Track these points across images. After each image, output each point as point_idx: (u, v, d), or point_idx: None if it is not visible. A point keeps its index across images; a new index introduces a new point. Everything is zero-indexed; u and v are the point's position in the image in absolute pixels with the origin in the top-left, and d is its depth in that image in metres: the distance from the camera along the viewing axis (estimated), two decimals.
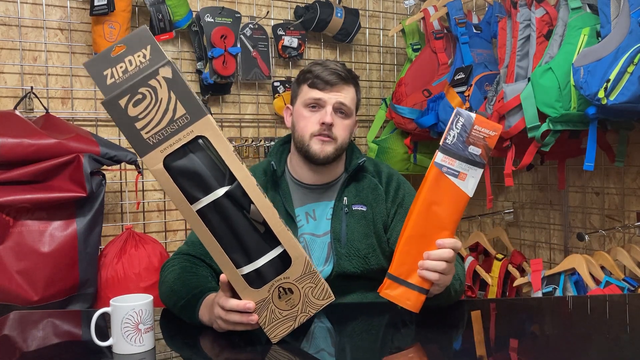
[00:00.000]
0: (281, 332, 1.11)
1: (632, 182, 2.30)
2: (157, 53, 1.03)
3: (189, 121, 1.02)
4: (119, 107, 1.01)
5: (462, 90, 2.34)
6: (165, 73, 1.01)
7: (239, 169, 1.04)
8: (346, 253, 1.46)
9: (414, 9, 3.08)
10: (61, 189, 1.93)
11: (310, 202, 1.53)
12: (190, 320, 1.23)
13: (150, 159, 1.02)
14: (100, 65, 1.03)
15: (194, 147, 1.04)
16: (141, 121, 1.02)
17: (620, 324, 1.31)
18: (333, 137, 1.46)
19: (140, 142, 1.02)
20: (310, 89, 1.48)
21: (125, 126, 1.02)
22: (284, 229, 1.07)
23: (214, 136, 1.03)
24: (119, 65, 1.02)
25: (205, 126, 1.02)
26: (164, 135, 1.02)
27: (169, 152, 1.03)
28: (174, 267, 1.35)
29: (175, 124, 1.02)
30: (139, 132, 1.02)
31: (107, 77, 1.03)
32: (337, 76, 1.47)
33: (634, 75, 1.66)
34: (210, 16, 2.43)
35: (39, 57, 2.26)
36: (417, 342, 1.19)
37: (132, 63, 1.03)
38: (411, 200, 1.52)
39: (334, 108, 1.47)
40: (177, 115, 1.02)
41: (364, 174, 1.55)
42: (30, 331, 1.24)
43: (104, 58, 1.03)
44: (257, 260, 1.07)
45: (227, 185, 1.05)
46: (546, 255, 2.64)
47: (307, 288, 1.09)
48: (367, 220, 1.50)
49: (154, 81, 1.01)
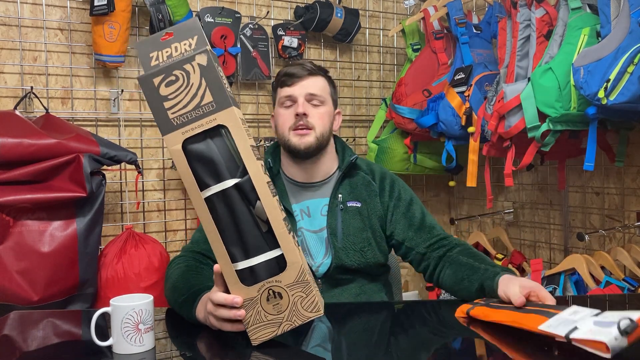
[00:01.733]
0: (263, 336, 1.09)
1: (632, 182, 2.30)
2: (202, 44, 1.07)
3: (214, 109, 1.05)
4: (152, 85, 1.05)
5: (462, 90, 2.35)
6: (200, 60, 1.05)
7: (253, 164, 1.05)
8: (343, 247, 1.50)
9: (414, 9, 3.08)
10: (61, 189, 1.93)
11: (305, 199, 1.56)
12: (189, 318, 1.23)
13: (171, 138, 1.05)
14: (149, 47, 1.07)
15: (215, 134, 1.06)
16: (170, 101, 1.05)
17: None
18: (310, 126, 1.50)
19: (165, 121, 1.05)
20: (282, 89, 1.54)
21: (155, 103, 1.06)
22: (286, 232, 1.06)
23: (235, 128, 1.05)
24: (165, 50, 1.07)
25: (228, 116, 1.05)
26: (188, 119, 1.05)
27: (189, 135, 1.05)
28: (180, 264, 1.38)
29: (200, 110, 1.05)
30: (166, 111, 1.05)
31: (153, 58, 1.07)
32: (302, 68, 1.52)
33: (634, 75, 1.67)
34: (210, 16, 2.43)
35: (39, 57, 2.26)
36: (417, 342, 1.19)
37: (177, 49, 1.07)
38: (406, 194, 1.60)
39: (305, 99, 1.51)
40: (204, 102, 1.05)
41: (357, 172, 1.59)
42: (30, 331, 1.24)
43: (154, 41, 1.07)
44: (253, 258, 1.07)
45: (239, 178, 1.06)
46: (546, 255, 2.64)
47: (297, 297, 1.07)
48: (362, 215, 1.54)
49: (188, 65, 1.05)
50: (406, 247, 1.55)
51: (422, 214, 1.58)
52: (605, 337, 0.92)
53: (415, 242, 1.54)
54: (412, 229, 1.55)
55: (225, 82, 1.07)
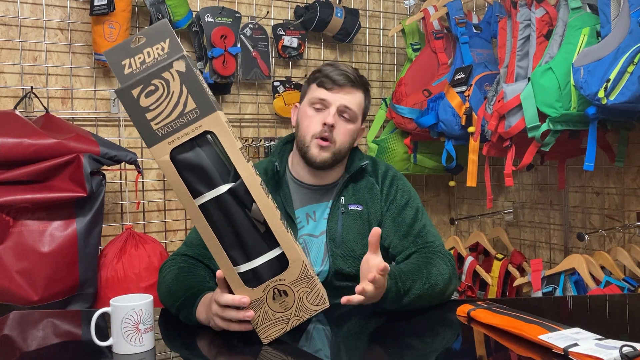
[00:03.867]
0: (273, 334, 1.10)
1: (632, 182, 2.30)
2: (175, 47, 1.04)
3: (199, 116, 1.02)
4: (132, 97, 1.02)
5: (462, 90, 2.35)
6: (178, 66, 1.02)
7: (244, 167, 1.04)
8: (341, 254, 1.45)
9: (414, 9, 3.08)
10: (61, 189, 1.93)
11: (312, 203, 1.52)
12: (188, 320, 1.22)
13: (158, 150, 1.03)
14: (120, 54, 1.04)
15: (202, 141, 1.04)
16: (152, 112, 1.02)
17: (621, 324, 1.31)
18: (332, 140, 1.44)
19: (149, 133, 1.02)
20: (318, 88, 1.47)
21: (136, 116, 1.02)
22: (284, 231, 1.07)
23: (221, 133, 1.03)
24: (137, 56, 1.03)
25: (214, 122, 1.03)
26: (172, 128, 1.02)
27: (176, 145, 1.03)
28: (172, 267, 1.35)
29: (184, 118, 1.02)
30: (149, 122, 1.02)
31: (125, 66, 1.03)
32: (346, 77, 1.45)
33: (634, 75, 1.67)
34: (210, 16, 2.43)
35: (39, 57, 2.26)
36: (416, 342, 1.19)
37: (150, 55, 1.03)
38: (403, 197, 1.51)
39: (338, 110, 1.45)
40: (187, 109, 1.02)
41: (363, 175, 1.54)
42: (30, 331, 1.24)
43: (124, 48, 1.04)
44: (255, 260, 1.07)
45: (231, 182, 1.05)
46: (546, 255, 2.64)
47: (302, 292, 1.09)
48: (363, 219, 1.49)
49: (167, 74, 1.02)
50: (391, 254, 1.49)
51: (413, 219, 1.48)
52: (605, 356, 0.92)
53: (397, 249, 1.46)
54: (397, 235, 1.46)
55: (206, 86, 1.05)
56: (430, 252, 1.40)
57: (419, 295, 1.27)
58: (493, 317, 1.17)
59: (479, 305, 1.25)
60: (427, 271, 1.31)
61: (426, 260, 1.37)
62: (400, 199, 1.51)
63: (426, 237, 1.45)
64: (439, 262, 1.36)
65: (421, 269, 1.31)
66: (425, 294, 1.28)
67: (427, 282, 1.29)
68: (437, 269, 1.33)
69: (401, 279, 1.25)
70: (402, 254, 1.44)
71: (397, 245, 1.46)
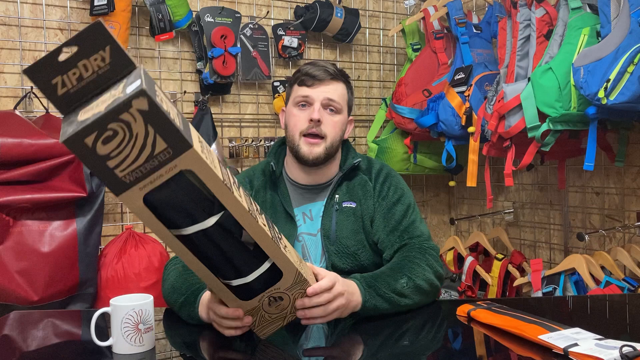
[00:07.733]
0: (270, 330, 1.13)
1: (632, 182, 2.29)
2: (119, 55, 0.84)
3: (172, 155, 0.85)
4: (85, 146, 0.81)
5: (462, 90, 2.35)
6: (139, 105, 0.81)
7: (230, 199, 0.93)
8: (336, 250, 1.47)
9: (414, 9, 3.08)
10: (61, 189, 1.93)
11: (307, 203, 1.54)
12: (190, 317, 1.23)
13: (128, 197, 0.87)
14: (47, 72, 0.83)
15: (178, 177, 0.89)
16: (114, 159, 0.83)
17: (621, 323, 1.31)
18: (322, 134, 1.47)
19: (115, 181, 0.85)
20: (299, 87, 1.50)
21: (94, 166, 0.84)
22: (274, 245, 1.02)
23: (201, 170, 0.88)
24: (71, 71, 0.84)
25: (191, 160, 0.86)
26: (142, 173, 0.85)
27: (149, 189, 0.87)
28: (177, 265, 1.37)
29: (155, 160, 0.85)
30: (112, 170, 0.84)
31: (58, 86, 0.84)
32: (325, 71, 1.48)
33: (634, 75, 1.66)
34: (210, 16, 2.43)
35: (39, 57, 2.25)
36: (416, 341, 1.19)
37: (87, 68, 0.84)
38: (395, 193, 1.51)
39: (322, 104, 1.48)
40: (157, 150, 0.84)
41: (357, 172, 1.55)
42: (30, 331, 1.24)
43: (50, 63, 0.83)
44: (247, 277, 1.04)
45: (217, 214, 0.95)
46: (546, 255, 2.64)
47: (297, 293, 1.10)
48: (356, 216, 1.50)
49: (126, 115, 0.81)
50: (380, 250, 1.49)
51: (403, 215, 1.48)
52: (605, 356, 0.92)
53: (385, 244, 1.46)
54: (385, 231, 1.47)
55: (174, 117, 0.85)
56: (413, 249, 1.42)
57: (399, 292, 1.27)
58: (493, 317, 1.17)
59: (479, 305, 1.25)
60: (408, 269, 1.32)
61: (408, 257, 1.38)
62: (392, 195, 1.51)
63: (413, 233, 1.46)
64: (421, 256, 1.37)
65: (402, 267, 1.33)
66: (404, 291, 1.28)
67: (410, 279, 1.30)
68: (418, 265, 1.34)
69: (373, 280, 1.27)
70: (389, 250, 1.46)
71: (384, 241, 1.47)
